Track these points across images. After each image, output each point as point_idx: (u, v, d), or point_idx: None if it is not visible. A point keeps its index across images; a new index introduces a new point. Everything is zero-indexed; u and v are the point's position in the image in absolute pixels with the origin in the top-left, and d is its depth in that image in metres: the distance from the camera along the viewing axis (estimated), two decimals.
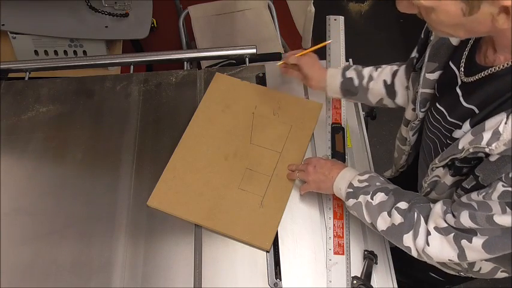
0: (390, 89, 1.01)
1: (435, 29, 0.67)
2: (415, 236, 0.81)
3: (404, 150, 0.99)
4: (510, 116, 0.63)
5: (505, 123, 0.63)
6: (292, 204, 1.05)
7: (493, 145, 0.64)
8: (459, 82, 0.75)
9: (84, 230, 1.03)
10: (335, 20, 1.29)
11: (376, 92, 1.02)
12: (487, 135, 0.65)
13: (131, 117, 1.20)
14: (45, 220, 1.04)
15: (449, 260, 0.78)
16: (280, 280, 0.96)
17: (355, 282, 0.94)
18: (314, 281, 0.96)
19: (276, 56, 1.41)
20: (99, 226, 1.03)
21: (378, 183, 0.90)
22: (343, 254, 0.98)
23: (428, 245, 0.79)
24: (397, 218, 0.83)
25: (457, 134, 0.75)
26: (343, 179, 0.94)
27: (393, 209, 0.84)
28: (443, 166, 0.78)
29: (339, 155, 1.11)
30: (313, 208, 1.05)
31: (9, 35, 1.67)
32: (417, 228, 0.81)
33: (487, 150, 0.65)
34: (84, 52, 1.75)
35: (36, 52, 1.73)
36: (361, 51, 1.16)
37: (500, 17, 0.58)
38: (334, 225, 1.01)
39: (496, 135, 0.64)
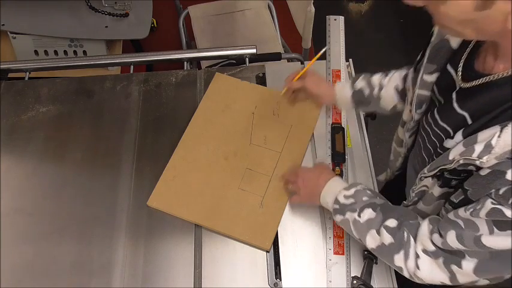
0: (403, 95, 0.97)
1: (442, 25, 0.62)
2: (405, 258, 0.79)
3: (400, 153, 0.97)
4: (504, 130, 0.61)
5: (498, 136, 0.61)
6: (292, 204, 1.05)
7: (484, 158, 0.62)
8: (457, 87, 0.73)
9: (84, 230, 1.03)
10: (335, 20, 1.28)
11: (388, 99, 1.00)
12: (478, 148, 0.63)
13: (131, 117, 1.20)
14: (45, 220, 1.04)
15: (441, 282, 0.76)
16: (280, 280, 0.96)
17: (355, 282, 0.94)
18: (314, 281, 0.96)
19: (276, 56, 1.41)
20: (99, 226, 1.03)
21: (364, 198, 0.88)
22: (343, 254, 0.98)
23: (418, 268, 0.77)
24: (387, 238, 0.81)
25: (448, 143, 0.73)
26: (329, 193, 0.92)
27: (382, 227, 0.82)
28: (432, 176, 0.76)
29: (339, 155, 1.11)
30: (313, 208, 1.05)
31: (9, 35, 1.67)
32: (407, 249, 0.79)
33: (477, 163, 0.63)
34: (84, 52, 1.75)
35: (36, 52, 1.73)
36: (361, 51, 1.16)
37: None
38: (334, 225, 1.01)
39: (488, 148, 0.61)
